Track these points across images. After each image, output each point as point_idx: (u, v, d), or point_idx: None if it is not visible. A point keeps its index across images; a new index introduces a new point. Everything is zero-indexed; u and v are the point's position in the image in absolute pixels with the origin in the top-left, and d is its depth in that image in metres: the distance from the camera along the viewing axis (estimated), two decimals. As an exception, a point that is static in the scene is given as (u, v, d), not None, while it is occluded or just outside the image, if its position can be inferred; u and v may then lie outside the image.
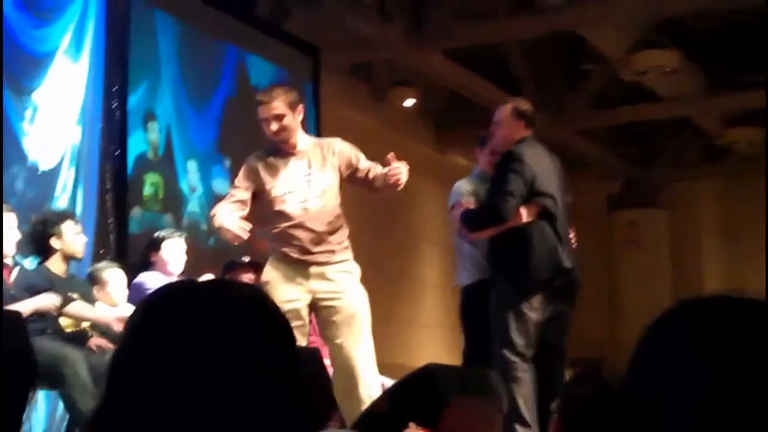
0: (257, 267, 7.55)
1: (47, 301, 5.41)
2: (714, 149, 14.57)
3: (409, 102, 12.30)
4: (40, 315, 5.39)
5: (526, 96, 12.56)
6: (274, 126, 5.58)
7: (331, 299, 5.52)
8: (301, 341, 5.42)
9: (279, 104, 5.61)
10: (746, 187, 14.93)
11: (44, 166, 7.54)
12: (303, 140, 5.71)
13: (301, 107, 5.70)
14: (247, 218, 5.64)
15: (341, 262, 5.61)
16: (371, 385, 5.48)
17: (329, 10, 9.86)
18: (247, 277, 7.46)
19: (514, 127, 6.15)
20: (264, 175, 5.65)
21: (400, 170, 5.44)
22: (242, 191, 5.68)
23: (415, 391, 4.80)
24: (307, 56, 10.43)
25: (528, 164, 5.89)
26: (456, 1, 10.93)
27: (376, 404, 4.95)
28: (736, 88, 12.89)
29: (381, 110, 12.11)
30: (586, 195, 14.79)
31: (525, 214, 5.88)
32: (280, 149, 5.66)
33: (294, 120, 5.65)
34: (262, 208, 5.67)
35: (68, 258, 5.91)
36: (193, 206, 8.94)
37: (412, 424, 4.09)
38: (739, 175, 14.98)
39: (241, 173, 5.71)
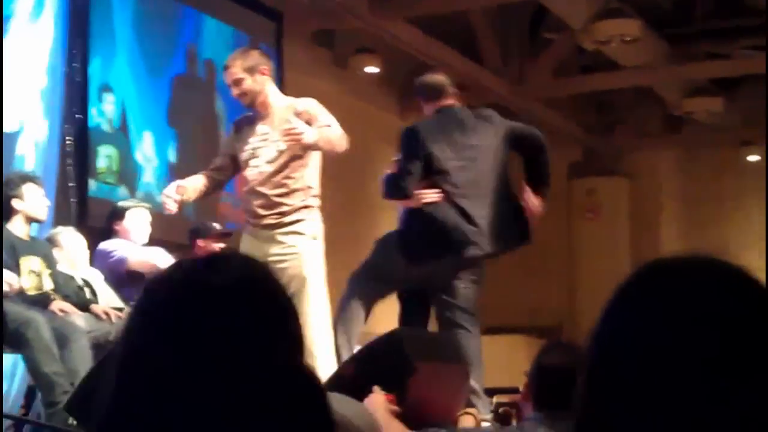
0: (227, 235, 7.52)
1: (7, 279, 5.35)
2: (675, 119, 14.64)
3: (372, 69, 12.25)
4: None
5: (488, 64, 12.66)
6: (234, 91, 5.62)
7: (280, 261, 5.43)
8: None
9: (236, 69, 5.61)
10: (706, 157, 15.03)
11: (5, 128, 7.46)
12: (277, 102, 5.67)
13: (264, 68, 5.64)
14: (218, 183, 5.67)
15: (293, 222, 5.54)
16: (321, 356, 5.39)
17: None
18: (219, 246, 7.42)
19: (421, 103, 6.16)
20: (238, 139, 5.65)
21: (294, 130, 5.36)
22: (219, 158, 5.75)
23: (382, 356, 4.79)
24: (270, 22, 10.36)
25: (420, 143, 5.83)
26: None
27: (342, 368, 4.93)
28: (698, 57, 12.94)
29: (344, 77, 12.06)
30: (548, 163, 14.85)
31: (423, 197, 5.82)
32: (255, 113, 5.64)
33: (255, 83, 5.60)
34: None
35: (30, 220, 5.85)
36: (148, 178, 8.85)
37: (376, 388, 4.07)
38: (699, 145, 15.07)
39: (224, 139, 5.71)
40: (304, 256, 5.51)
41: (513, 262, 14.45)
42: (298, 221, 5.54)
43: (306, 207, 5.57)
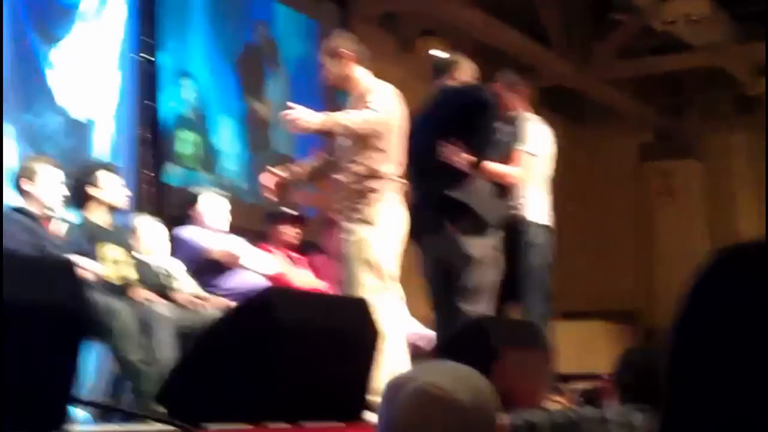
0: (302, 220, 7.52)
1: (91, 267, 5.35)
2: (747, 99, 14.40)
3: (437, 52, 12.18)
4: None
5: (554, 46, 12.54)
6: (324, 73, 5.76)
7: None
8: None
9: (321, 53, 5.78)
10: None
11: (80, 116, 7.50)
12: (365, 84, 5.70)
13: (344, 51, 5.66)
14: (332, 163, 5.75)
15: (353, 209, 5.55)
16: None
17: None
18: (294, 232, 7.41)
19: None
20: None
21: (287, 114, 5.47)
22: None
23: (466, 342, 4.76)
24: (336, 6, 10.36)
25: None
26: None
27: (426, 357, 4.91)
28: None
29: (410, 61, 12.00)
30: (618, 145, 14.70)
31: None
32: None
33: (337, 66, 5.66)
34: None
35: (110, 208, 5.85)
36: (227, 162, 8.89)
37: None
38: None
39: None
40: (360, 244, 5.50)
41: (586, 247, 14.38)
42: (356, 208, 5.54)
43: (367, 191, 5.55)
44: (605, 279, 14.16)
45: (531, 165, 6.26)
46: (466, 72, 6.20)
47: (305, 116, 5.47)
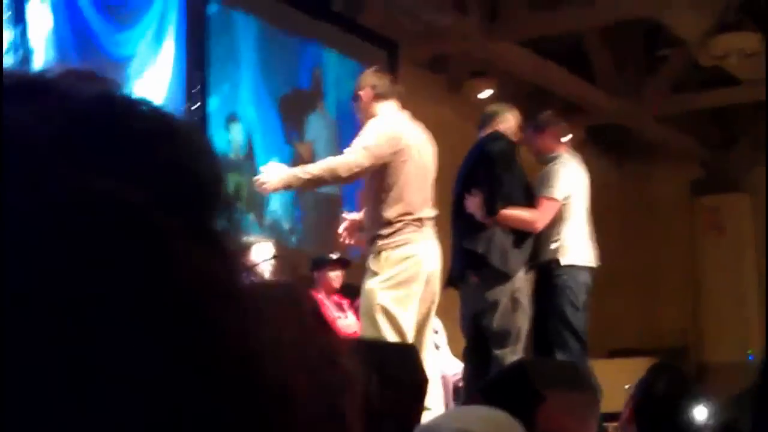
0: (345, 264, 7.57)
1: None
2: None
3: (486, 93, 12.24)
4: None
5: (603, 84, 12.56)
6: None
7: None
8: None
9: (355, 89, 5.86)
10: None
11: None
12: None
13: (366, 87, 5.74)
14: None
15: (371, 255, 5.58)
16: None
17: (404, 2, 9.86)
18: (335, 275, 7.46)
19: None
20: None
21: (258, 179, 5.65)
22: None
23: (509, 387, 4.76)
24: (383, 50, 10.44)
25: None
26: (531, -10, 10.88)
27: (468, 404, 4.92)
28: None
29: (458, 102, 12.07)
30: (667, 181, 14.66)
31: None
32: None
33: (362, 101, 5.74)
34: None
35: None
36: (274, 205, 8.98)
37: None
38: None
39: None
40: (366, 295, 5.53)
41: (635, 284, 14.33)
42: (372, 254, 5.57)
43: (375, 238, 5.55)
44: (654, 316, 14.09)
45: (552, 209, 6.36)
46: (508, 121, 6.36)
47: (268, 176, 5.55)
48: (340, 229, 5.86)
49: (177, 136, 0.49)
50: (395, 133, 5.57)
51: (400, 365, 4.80)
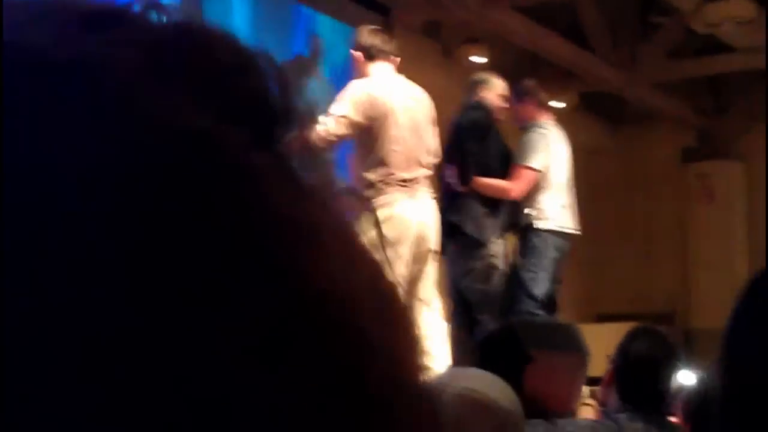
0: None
1: None
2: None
3: (480, 59, 12.24)
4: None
5: (598, 51, 12.55)
6: None
7: None
8: None
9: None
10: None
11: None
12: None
13: (356, 47, 5.88)
14: None
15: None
16: None
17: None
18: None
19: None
20: None
21: None
22: None
23: (498, 347, 4.80)
24: (378, 16, 10.44)
25: None
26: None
27: (462, 361, 4.97)
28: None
29: (452, 68, 12.08)
30: (660, 148, 14.69)
31: None
32: None
33: (355, 60, 5.85)
34: None
35: None
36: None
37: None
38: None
39: None
40: None
41: (625, 249, 14.39)
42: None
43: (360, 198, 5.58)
44: (644, 281, 14.16)
45: (529, 178, 6.44)
46: (493, 90, 6.42)
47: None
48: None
49: (264, 69, 0.45)
50: (372, 97, 5.55)
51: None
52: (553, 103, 13.19)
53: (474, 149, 6.24)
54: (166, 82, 0.40)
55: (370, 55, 5.69)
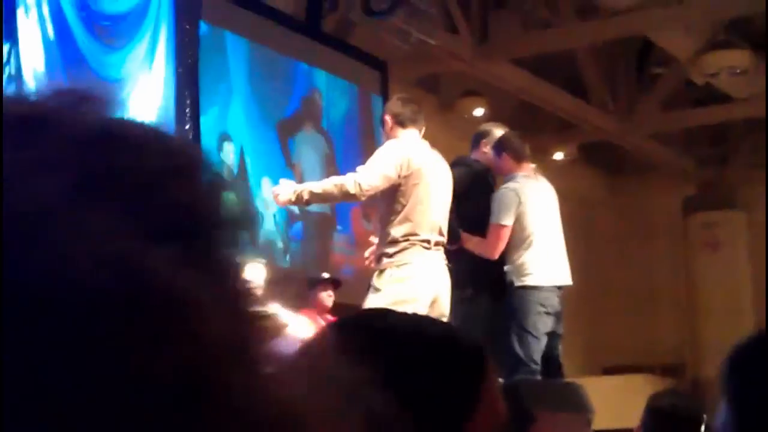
0: (337, 283, 7.59)
1: None
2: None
3: (478, 112, 12.24)
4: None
5: (596, 101, 12.57)
6: None
7: None
8: None
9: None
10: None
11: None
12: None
13: (389, 114, 5.91)
14: None
15: (376, 272, 5.65)
16: None
17: (395, 23, 9.86)
18: (327, 294, 7.45)
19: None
20: None
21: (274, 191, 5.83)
22: None
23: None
24: (374, 70, 10.45)
25: None
26: (522, 10, 10.89)
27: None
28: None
29: (451, 121, 12.08)
30: (661, 198, 14.66)
31: None
32: None
33: (386, 124, 5.89)
34: None
35: None
36: (268, 224, 8.98)
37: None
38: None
39: None
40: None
41: (629, 301, 14.32)
42: (377, 270, 5.65)
43: (381, 256, 5.63)
44: (649, 333, 14.08)
45: (498, 235, 6.37)
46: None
47: (281, 189, 5.67)
48: (366, 253, 5.92)
49: (192, 172, 0.45)
50: (406, 157, 5.67)
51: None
52: (555, 155, 13.24)
53: (462, 205, 6.20)
54: (91, 203, 0.40)
55: (400, 121, 5.80)
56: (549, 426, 4.74)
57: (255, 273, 6.87)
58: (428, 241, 5.66)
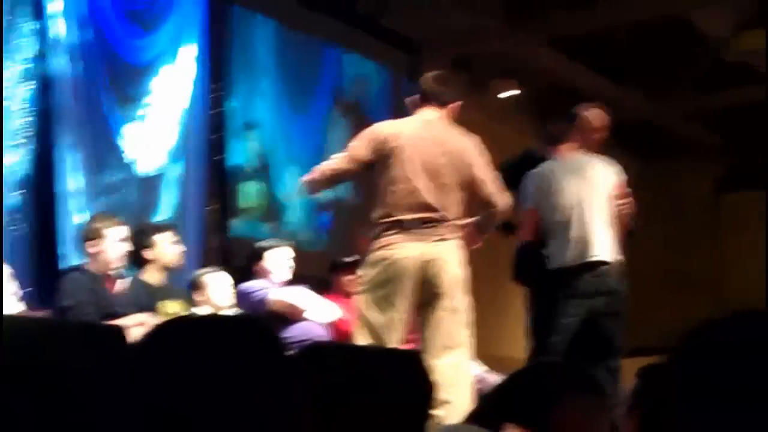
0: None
1: (135, 320, 5.39)
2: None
3: (512, 93, 12.20)
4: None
5: (629, 82, 12.48)
6: None
7: None
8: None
9: None
10: None
11: (149, 172, 7.65)
12: None
13: (415, 96, 5.78)
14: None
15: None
16: None
17: (429, 4, 9.84)
18: (349, 278, 7.43)
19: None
20: None
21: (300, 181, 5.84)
22: None
23: (523, 387, 4.74)
24: (406, 52, 10.41)
25: None
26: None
27: (484, 400, 4.90)
28: None
29: (483, 103, 12.04)
30: (693, 179, 14.56)
31: None
32: None
33: (410, 103, 5.78)
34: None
35: (164, 267, 6.03)
36: (292, 215, 8.94)
37: (510, 426, 4.01)
38: None
39: None
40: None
41: (660, 282, 14.24)
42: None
43: (369, 239, 5.56)
44: (679, 314, 13.98)
45: (525, 219, 6.37)
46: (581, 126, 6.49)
47: (308, 175, 5.64)
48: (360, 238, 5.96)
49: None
50: (379, 136, 5.49)
51: (400, 374, 4.78)
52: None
53: (513, 194, 6.20)
54: None
55: (423, 99, 5.65)
56: (575, 406, 4.74)
57: (284, 257, 6.91)
58: (402, 222, 5.41)
